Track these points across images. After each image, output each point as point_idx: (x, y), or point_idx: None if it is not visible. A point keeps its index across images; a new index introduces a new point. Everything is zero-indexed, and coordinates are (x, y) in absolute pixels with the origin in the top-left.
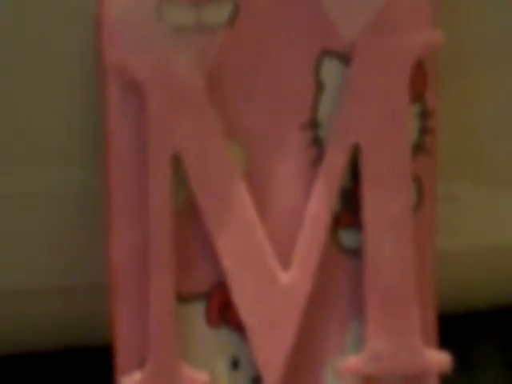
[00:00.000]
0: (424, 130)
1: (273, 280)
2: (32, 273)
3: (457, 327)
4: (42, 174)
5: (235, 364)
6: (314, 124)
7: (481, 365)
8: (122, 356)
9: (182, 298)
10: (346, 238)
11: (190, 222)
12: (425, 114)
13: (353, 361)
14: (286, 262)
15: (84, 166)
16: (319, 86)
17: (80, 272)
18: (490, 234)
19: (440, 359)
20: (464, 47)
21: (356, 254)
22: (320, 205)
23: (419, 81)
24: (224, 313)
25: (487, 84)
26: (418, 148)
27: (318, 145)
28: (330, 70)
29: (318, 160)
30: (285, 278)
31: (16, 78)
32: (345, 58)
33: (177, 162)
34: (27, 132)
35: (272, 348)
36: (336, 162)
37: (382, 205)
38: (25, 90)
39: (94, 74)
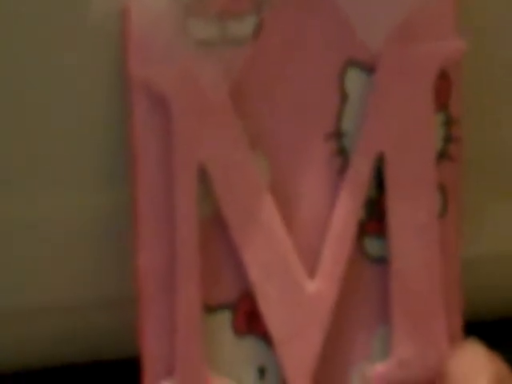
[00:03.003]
0: (448, 139)
1: (299, 289)
2: (59, 289)
3: (483, 334)
4: (68, 193)
5: (262, 373)
6: (338, 134)
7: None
8: (150, 367)
9: (209, 309)
10: (372, 246)
11: (217, 234)
12: (449, 123)
13: (380, 368)
14: (312, 271)
15: (111, 185)
16: (343, 96)
17: (108, 286)
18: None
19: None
20: (489, 56)
21: (382, 261)
22: (346, 214)
23: (443, 90)
24: (251, 322)
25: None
26: (443, 156)
27: (342, 155)
28: (354, 80)
29: (343, 170)
30: (311, 287)
31: (41, 97)
32: (369, 68)
33: (203, 173)
34: (52, 153)
35: (298, 356)
36: (361, 171)
37: (408, 213)
38: (49, 111)
39: (119, 89)
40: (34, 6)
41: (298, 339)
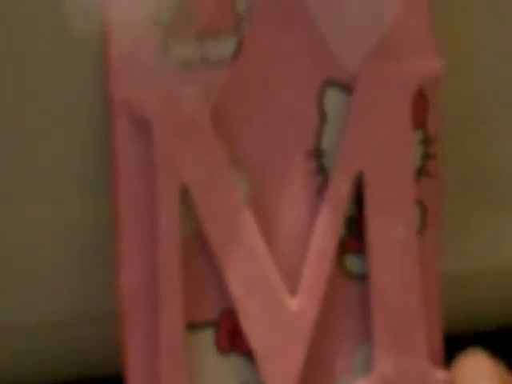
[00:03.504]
0: (426, 156)
1: (281, 307)
2: (40, 305)
3: (463, 348)
4: (51, 207)
5: None
6: (318, 153)
7: None
8: None
9: (192, 326)
10: (352, 263)
11: (199, 252)
12: (427, 140)
13: None
14: (293, 288)
15: (95, 198)
16: (322, 116)
17: (90, 302)
18: (494, 255)
19: (447, 379)
20: (468, 72)
21: (362, 279)
22: (326, 232)
23: (421, 108)
24: (233, 340)
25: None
26: (421, 173)
27: (322, 173)
28: (333, 100)
29: (322, 188)
30: (292, 304)
31: (23, 115)
32: (347, 88)
33: (185, 193)
34: (36, 168)
35: (281, 374)
36: (340, 189)
37: (387, 230)
38: (32, 128)
39: (101, 111)
40: (16, 26)
41: (281, 356)
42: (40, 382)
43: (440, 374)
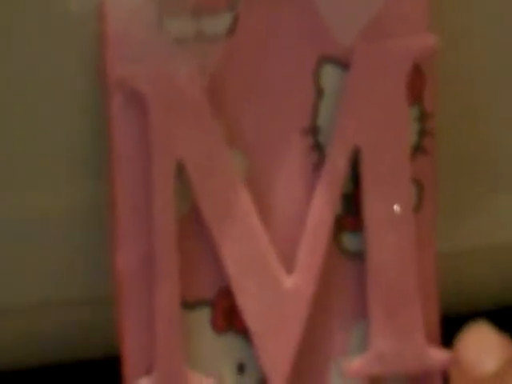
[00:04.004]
0: (423, 133)
1: (276, 284)
2: (36, 287)
3: (460, 327)
4: (47, 188)
5: (241, 368)
6: (314, 129)
7: None
8: (129, 364)
9: (188, 305)
10: (349, 241)
11: (194, 230)
12: (423, 117)
13: (357, 362)
14: (289, 266)
15: (90, 178)
16: (319, 92)
17: (86, 283)
18: (491, 233)
19: (443, 358)
20: (463, 49)
21: (359, 256)
22: (322, 209)
23: (417, 84)
24: (229, 318)
25: (488, 89)
26: (417, 150)
27: (318, 150)
28: (329, 76)
29: (319, 165)
30: (288, 282)
31: (18, 93)
32: (343, 64)
33: (180, 170)
34: (29, 150)
35: (277, 351)
36: (337, 166)
37: (383, 207)
38: (27, 106)
39: (96, 87)
40: (10, 6)
41: (277, 334)
42: (36, 363)
43: (436, 351)
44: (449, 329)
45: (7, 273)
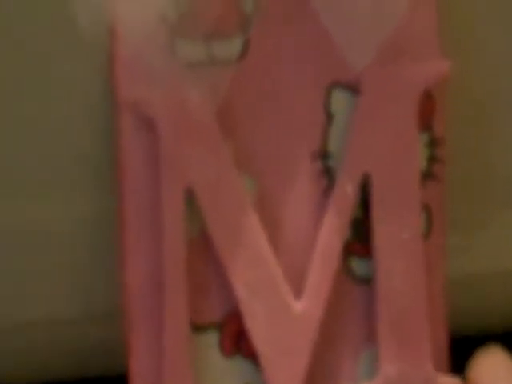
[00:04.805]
0: (433, 159)
1: (285, 309)
2: (45, 303)
3: (469, 351)
4: (56, 206)
5: None
6: (324, 154)
7: None
8: None
9: (196, 328)
10: (358, 266)
11: (204, 253)
12: (433, 143)
13: None
14: (298, 290)
15: (100, 193)
16: (329, 117)
17: (94, 301)
18: (501, 257)
19: None
20: (474, 74)
21: (367, 282)
22: (331, 234)
23: (427, 110)
24: (238, 342)
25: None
26: (427, 176)
27: (328, 175)
28: (340, 101)
29: (328, 190)
30: (297, 306)
31: (29, 114)
32: (354, 89)
33: (190, 194)
34: (40, 167)
35: (285, 376)
36: (346, 191)
37: (392, 232)
38: (38, 119)
39: (107, 110)
40: (24, 24)
41: (285, 359)
42: (42, 380)
43: (445, 379)
44: (458, 353)
45: (12, 287)
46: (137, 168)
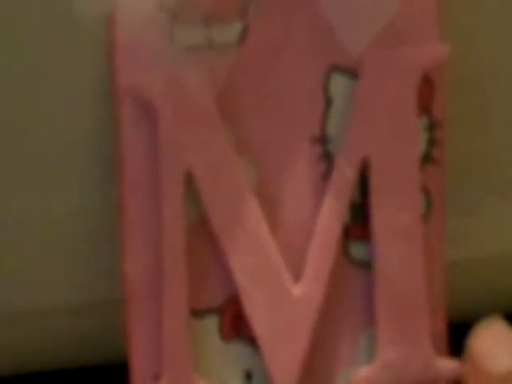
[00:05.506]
0: (432, 142)
1: (285, 292)
2: (46, 291)
3: (467, 335)
4: (56, 195)
5: (249, 376)
6: (323, 139)
7: None
8: (137, 371)
9: (196, 313)
10: (357, 250)
11: (203, 238)
12: (432, 126)
13: (365, 371)
14: (297, 274)
15: (98, 186)
16: (328, 101)
17: (94, 289)
18: (500, 242)
19: (451, 367)
20: (473, 58)
21: (366, 265)
22: (330, 218)
23: (426, 93)
24: (237, 326)
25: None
26: (427, 159)
27: (327, 159)
28: (338, 85)
29: (327, 174)
30: (296, 290)
31: (29, 101)
32: (353, 73)
33: (189, 178)
34: (40, 156)
35: (285, 359)
36: (345, 175)
37: (391, 216)
38: (38, 114)
39: (107, 95)
40: (21, 12)
41: (285, 342)
42: (43, 368)
43: (443, 361)
44: (456, 337)
45: (12, 276)
46: (136, 155)
